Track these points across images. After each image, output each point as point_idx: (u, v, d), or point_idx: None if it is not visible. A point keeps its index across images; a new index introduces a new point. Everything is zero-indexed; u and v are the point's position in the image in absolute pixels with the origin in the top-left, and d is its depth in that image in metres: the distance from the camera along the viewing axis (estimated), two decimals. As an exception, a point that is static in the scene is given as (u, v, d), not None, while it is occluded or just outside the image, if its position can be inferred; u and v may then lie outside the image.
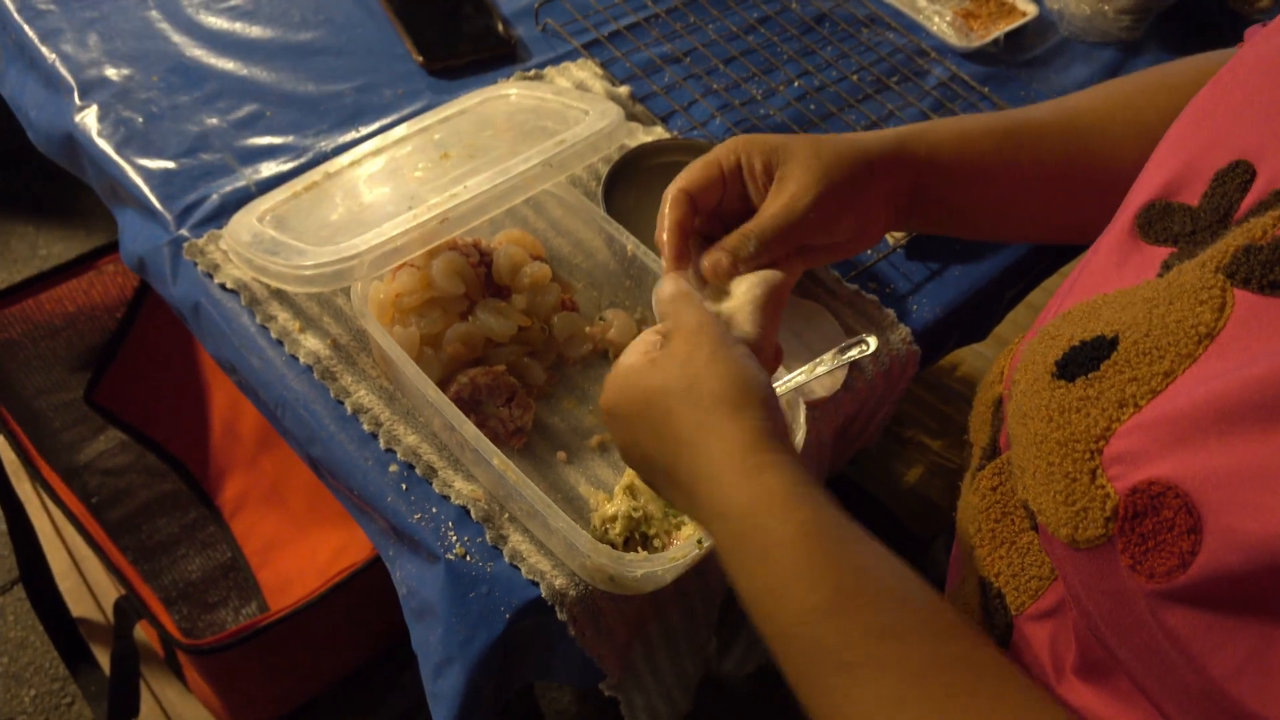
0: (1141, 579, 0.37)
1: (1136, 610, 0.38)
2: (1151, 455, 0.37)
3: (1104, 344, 0.41)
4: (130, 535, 1.27)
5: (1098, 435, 0.39)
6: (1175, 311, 0.40)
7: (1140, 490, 0.37)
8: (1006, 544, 0.52)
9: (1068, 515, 0.40)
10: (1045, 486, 0.41)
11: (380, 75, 0.98)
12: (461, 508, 0.71)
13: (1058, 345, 0.44)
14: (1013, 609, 0.51)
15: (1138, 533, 0.37)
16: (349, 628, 1.09)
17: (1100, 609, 0.41)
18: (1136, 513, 0.37)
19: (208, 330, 0.82)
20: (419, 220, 0.73)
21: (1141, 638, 0.38)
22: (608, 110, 0.84)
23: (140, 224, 0.87)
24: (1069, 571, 0.42)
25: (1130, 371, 0.40)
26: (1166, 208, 0.46)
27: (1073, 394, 0.41)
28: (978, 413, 0.60)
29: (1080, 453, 0.40)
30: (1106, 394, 0.40)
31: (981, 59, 1.08)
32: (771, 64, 1.05)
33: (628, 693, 0.88)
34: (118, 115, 0.91)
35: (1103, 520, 0.38)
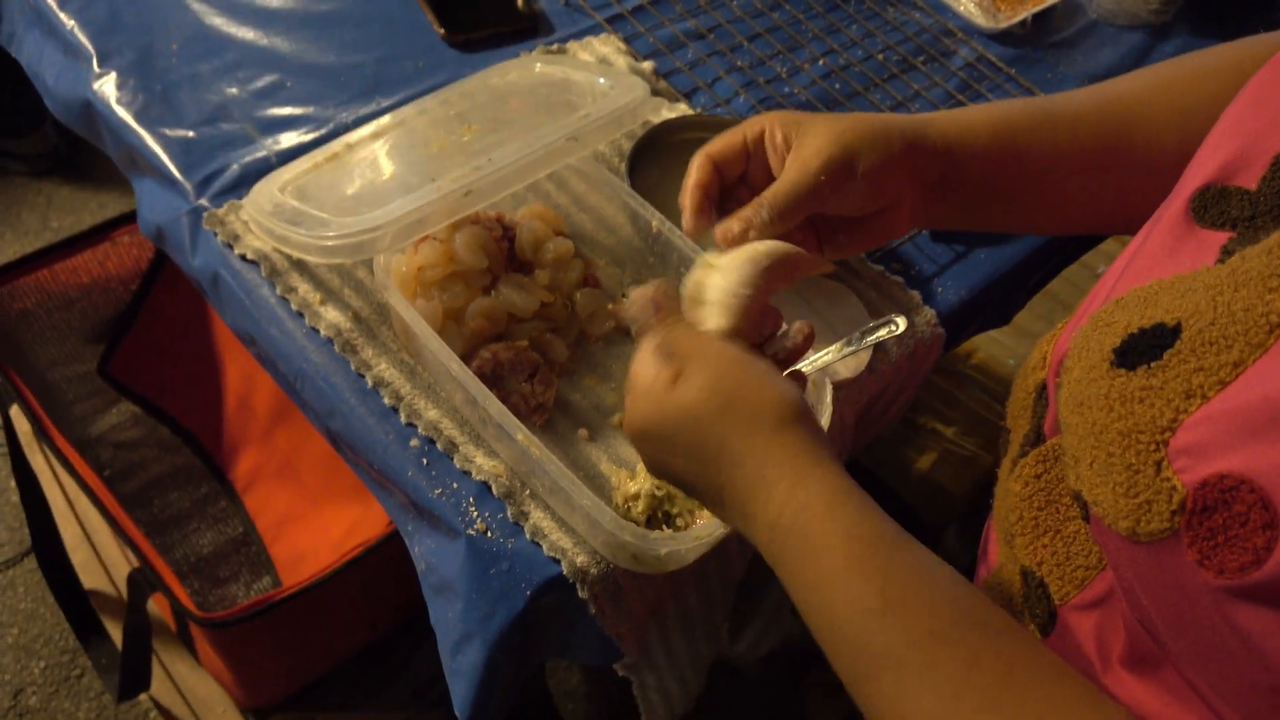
0: (1209, 575, 0.36)
1: (1200, 606, 0.37)
2: (1222, 448, 0.36)
3: (1165, 332, 0.40)
4: (142, 509, 1.27)
5: (1163, 427, 0.38)
6: (1242, 299, 0.38)
7: (1210, 484, 0.36)
8: (1051, 532, 0.51)
9: (1129, 508, 0.39)
10: (1104, 478, 0.40)
11: (401, 47, 0.97)
12: (483, 483, 0.70)
13: (1114, 332, 0.43)
14: (1056, 598, 0.50)
15: (1206, 527, 0.36)
16: (362, 604, 1.09)
17: (1157, 603, 0.40)
18: (1206, 507, 0.36)
19: (227, 301, 0.81)
20: (443, 193, 0.72)
21: (1202, 634, 0.38)
22: (633, 85, 0.83)
23: (159, 193, 0.86)
24: (1123, 564, 0.41)
25: (1196, 361, 0.38)
26: (1223, 191, 0.45)
27: (1134, 383, 0.40)
28: (1017, 399, 0.59)
29: (1144, 444, 0.39)
30: (1171, 384, 0.39)
31: (1009, 40, 1.07)
32: (796, 41, 1.03)
33: (641, 673, 0.87)
34: (137, 83, 0.90)
35: (1168, 514, 0.37)
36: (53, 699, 1.37)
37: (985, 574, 0.61)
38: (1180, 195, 0.47)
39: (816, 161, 0.60)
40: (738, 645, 1.14)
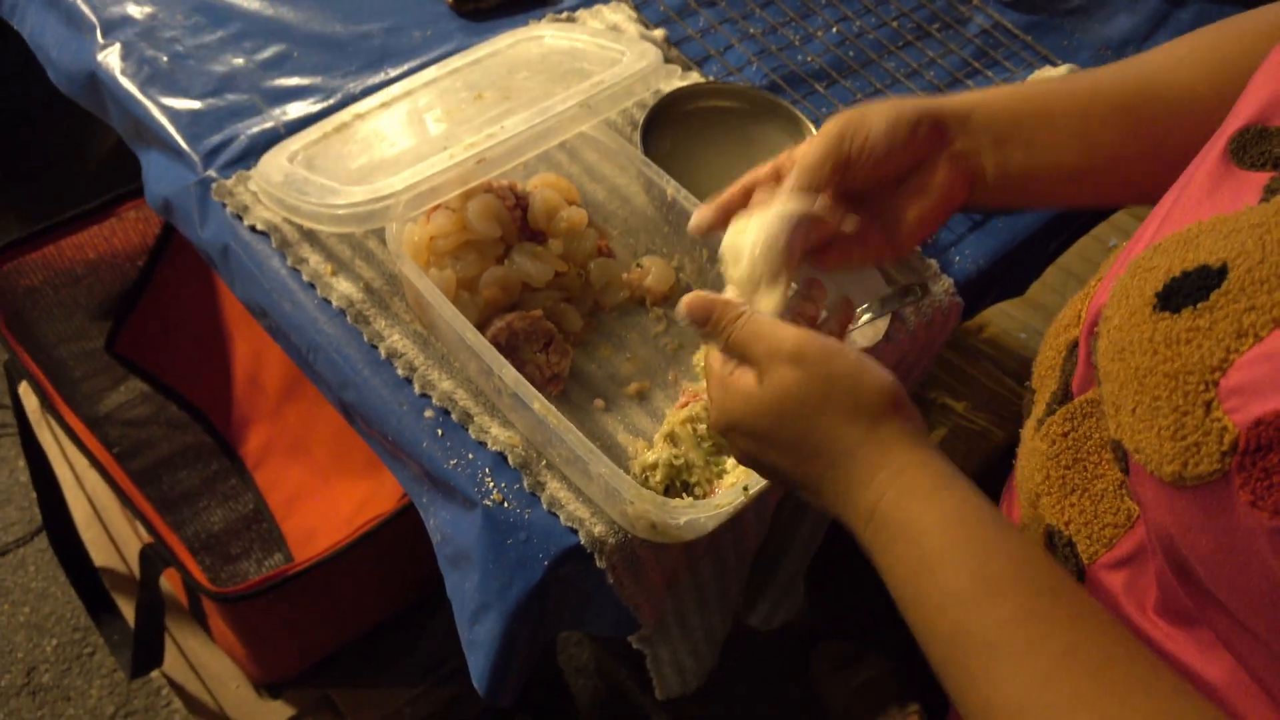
0: (1264, 515, 0.35)
1: (1253, 548, 0.36)
2: (1278, 386, 0.35)
3: (1210, 273, 0.39)
4: (152, 487, 1.26)
5: (1213, 367, 0.37)
6: None
7: (1266, 422, 0.35)
8: (1079, 491, 0.50)
9: (1175, 451, 0.38)
10: (1149, 422, 0.40)
11: (409, 16, 0.96)
12: (498, 454, 0.70)
13: (1154, 277, 0.42)
14: (1085, 557, 0.49)
15: (1260, 467, 0.35)
16: (375, 579, 1.09)
17: (1201, 550, 0.39)
18: (1260, 446, 0.35)
19: (237, 273, 0.80)
20: (455, 160, 0.71)
21: (1252, 577, 0.37)
22: (645, 52, 0.82)
23: (166, 165, 0.85)
24: (1165, 512, 0.41)
25: (1246, 300, 0.38)
26: (1262, 132, 0.44)
27: (1179, 325, 0.39)
28: (1046, 358, 0.58)
29: (1193, 385, 0.38)
30: (1220, 324, 0.38)
31: (1024, 6, 1.05)
32: (809, 8, 1.02)
33: (655, 646, 0.87)
34: (142, 54, 0.89)
35: (1219, 455, 0.37)
36: (65, 677, 1.37)
37: None
38: (1219, 140, 0.46)
39: (842, 120, 0.62)
40: (751, 618, 1.14)
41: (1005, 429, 1.45)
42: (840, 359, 0.50)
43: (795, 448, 0.52)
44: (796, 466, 0.52)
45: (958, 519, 0.46)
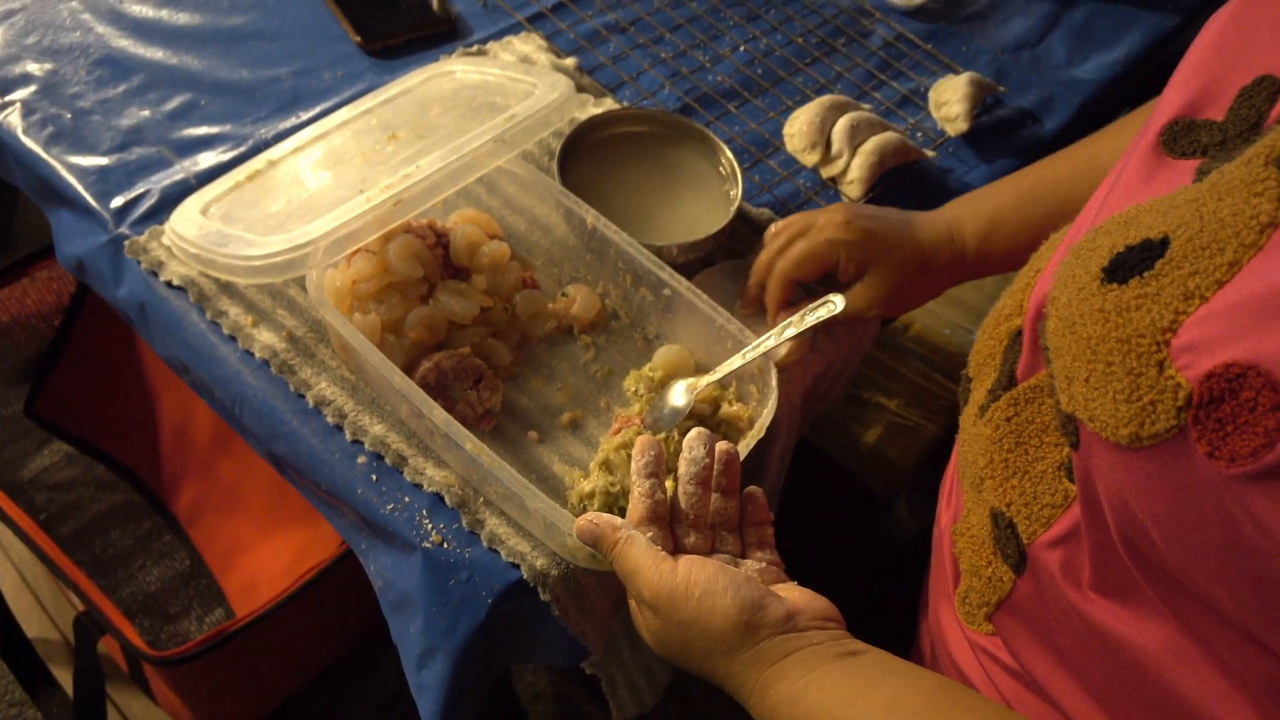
0: (1221, 465, 0.37)
1: (1211, 501, 0.38)
2: (1226, 340, 0.37)
3: (1153, 245, 0.42)
4: (83, 550, 1.22)
5: (1164, 328, 0.39)
6: (1228, 206, 0.40)
7: (1216, 374, 0.37)
8: (1020, 473, 0.53)
9: (1130, 413, 0.40)
10: (1103, 388, 0.41)
11: (317, 58, 0.95)
12: (435, 495, 0.70)
13: (1099, 254, 0.44)
14: (1025, 537, 0.52)
15: (1214, 419, 0.37)
16: (319, 626, 1.07)
17: (1158, 510, 0.40)
18: (1213, 398, 0.37)
19: (156, 331, 0.79)
20: (373, 204, 0.71)
21: (1209, 530, 0.38)
22: (557, 83, 0.83)
23: (76, 224, 0.83)
24: (1120, 478, 0.42)
25: (1190, 266, 0.40)
26: (1191, 124, 0.47)
27: (1128, 294, 0.41)
28: (985, 347, 0.61)
29: (1145, 347, 0.40)
30: (1167, 289, 0.40)
31: (923, 16, 1.08)
32: (717, 30, 1.04)
33: (608, 670, 0.87)
34: (45, 112, 0.87)
35: (1174, 411, 0.38)
36: (4, 754, 1.32)
37: (951, 523, 0.62)
38: (1149, 133, 0.49)
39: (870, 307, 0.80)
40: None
41: (937, 423, 1.49)
42: (684, 606, 0.54)
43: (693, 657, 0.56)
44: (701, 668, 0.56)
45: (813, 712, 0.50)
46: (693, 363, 0.77)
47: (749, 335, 0.72)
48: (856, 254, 0.78)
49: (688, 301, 0.75)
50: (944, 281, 0.82)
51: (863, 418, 1.56)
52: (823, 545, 1.11)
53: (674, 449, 0.71)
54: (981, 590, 0.57)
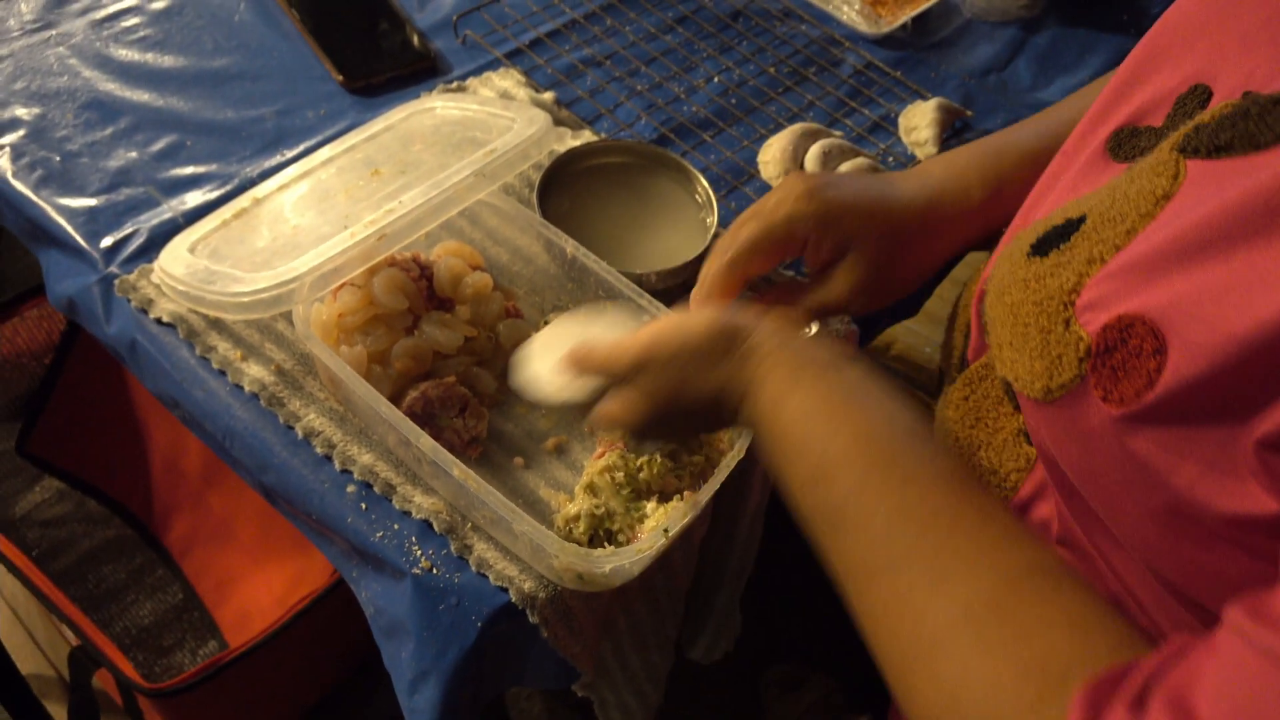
0: (1112, 408, 0.40)
1: (1106, 445, 0.41)
2: (1120, 296, 0.41)
3: (1073, 223, 0.46)
4: (76, 585, 1.23)
5: (1069, 289, 0.43)
6: (1135, 186, 0.44)
7: (1110, 326, 0.40)
8: (983, 445, 0.55)
9: (1043, 367, 0.43)
10: (1022, 348, 0.45)
11: (300, 97, 0.97)
12: (423, 521, 0.71)
13: (1033, 234, 0.48)
14: None
15: (1109, 366, 0.40)
16: (313, 655, 1.08)
17: (1071, 457, 0.44)
18: (1107, 347, 0.41)
19: (146, 367, 0.80)
20: (357, 239, 0.73)
21: (1111, 474, 0.42)
22: (535, 117, 0.85)
23: (66, 264, 0.85)
24: (1043, 430, 0.46)
25: (1096, 236, 0.44)
26: (1134, 131, 0.51)
27: (1046, 264, 0.45)
28: (948, 342, 0.64)
29: (1054, 308, 0.43)
30: (1076, 257, 0.44)
31: (892, 44, 1.11)
32: (691, 62, 1.06)
33: (599, 691, 0.89)
34: (33, 155, 0.89)
35: (1076, 362, 0.42)
36: (-2, 793, 1.32)
37: None
38: (1095, 139, 0.53)
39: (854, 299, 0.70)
40: (693, 652, 1.16)
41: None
42: (665, 345, 0.56)
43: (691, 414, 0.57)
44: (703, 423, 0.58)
45: (801, 414, 0.50)
46: (673, 386, 0.79)
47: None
48: (832, 230, 0.65)
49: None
50: (948, 244, 0.70)
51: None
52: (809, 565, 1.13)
53: (656, 470, 0.73)
54: None
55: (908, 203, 0.67)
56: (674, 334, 0.56)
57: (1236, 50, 0.47)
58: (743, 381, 0.53)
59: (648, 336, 0.57)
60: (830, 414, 0.50)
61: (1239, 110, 0.42)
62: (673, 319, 0.57)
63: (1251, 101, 0.42)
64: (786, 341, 0.53)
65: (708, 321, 0.55)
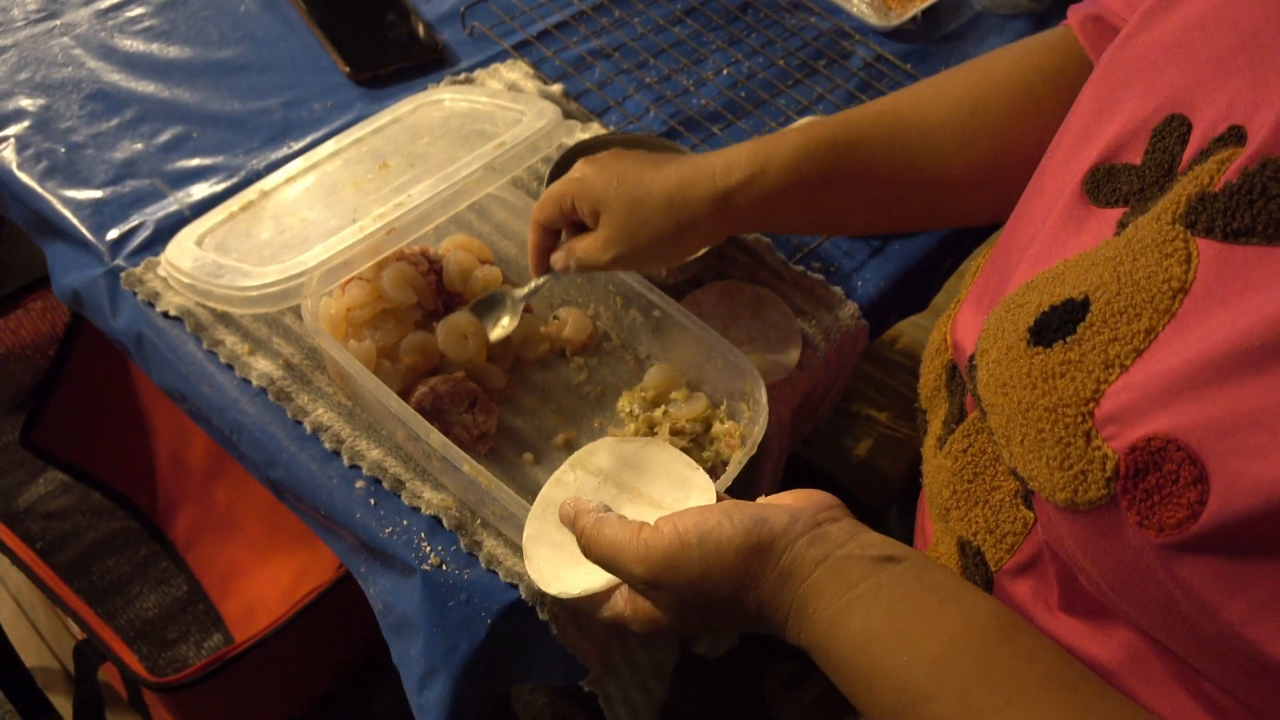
0: (1150, 534, 0.37)
1: (1144, 564, 0.38)
2: (1146, 412, 0.37)
3: (1075, 306, 0.42)
4: (80, 578, 1.23)
5: (1086, 398, 0.40)
6: (1142, 267, 0.40)
7: (1140, 448, 0.37)
8: (980, 503, 0.53)
9: (1065, 480, 0.40)
10: (1037, 453, 0.42)
11: (307, 89, 0.97)
12: (433, 517, 0.71)
13: (1026, 312, 0.45)
14: (992, 565, 0.52)
15: (1141, 489, 0.37)
16: (319, 649, 1.08)
17: (1101, 567, 0.41)
18: (1138, 470, 0.37)
19: (153, 361, 0.80)
20: (365, 233, 0.72)
21: (1149, 591, 0.39)
22: (545, 110, 0.84)
23: (72, 257, 0.84)
24: (1064, 534, 0.43)
25: (1109, 332, 0.40)
26: (1111, 170, 0.47)
27: (1053, 359, 0.42)
28: (928, 381, 0.62)
29: (1071, 417, 0.40)
30: (1089, 356, 0.40)
31: (902, 37, 1.11)
32: (700, 54, 1.06)
33: (606, 687, 0.88)
34: (38, 147, 0.88)
35: (1104, 481, 0.39)
36: (2, 785, 1.32)
37: (923, 549, 0.63)
38: (1072, 178, 0.50)
39: (605, 256, 0.70)
40: (698, 647, 1.16)
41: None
42: (686, 563, 0.49)
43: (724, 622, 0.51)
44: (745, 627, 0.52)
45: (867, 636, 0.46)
46: (684, 381, 0.79)
47: (738, 353, 0.73)
48: (586, 194, 0.70)
49: (677, 322, 0.76)
50: (703, 226, 0.69)
51: (853, 430, 1.58)
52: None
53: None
54: None
55: (660, 180, 0.69)
56: (695, 551, 0.49)
57: (1211, 76, 0.44)
58: (785, 603, 0.48)
59: (663, 550, 0.49)
60: (904, 632, 0.45)
61: (1254, 185, 0.38)
62: (693, 524, 0.49)
63: (1269, 176, 0.37)
64: (827, 551, 0.48)
65: (736, 538, 0.48)
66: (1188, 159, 0.43)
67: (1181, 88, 0.45)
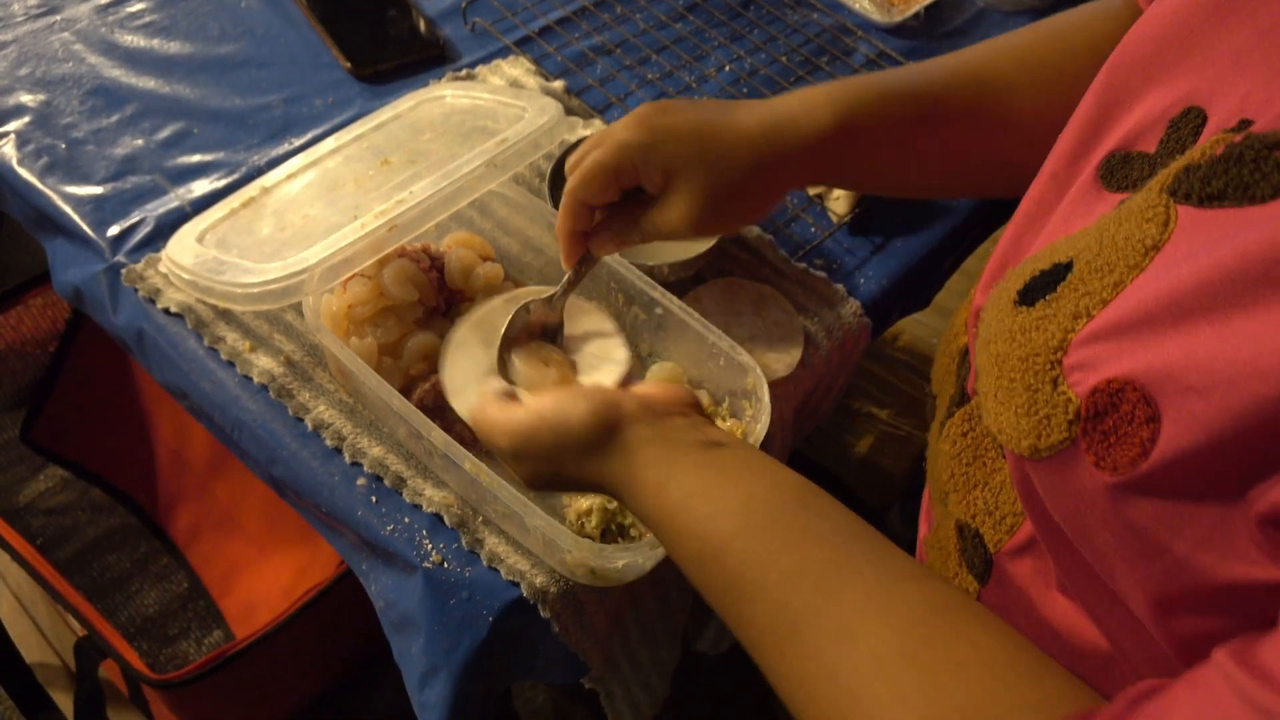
0: (1105, 474, 0.39)
1: (1099, 509, 0.40)
2: (1108, 357, 0.39)
3: (1060, 269, 0.44)
4: (81, 574, 1.23)
5: (1055, 347, 0.41)
6: (1123, 231, 0.42)
7: (1100, 390, 0.39)
8: (980, 485, 0.54)
9: (1030, 426, 0.42)
10: (1007, 404, 0.43)
11: (308, 85, 0.96)
12: (434, 515, 0.71)
13: (1020, 279, 0.46)
14: (991, 547, 0.53)
15: (1099, 430, 0.39)
16: (320, 646, 1.08)
17: (1063, 513, 0.43)
18: (1097, 412, 0.39)
19: (154, 357, 0.80)
20: (367, 229, 0.72)
21: (1105, 537, 0.40)
22: (546, 106, 0.84)
23: (73, 253, 0.84)
24: (1032, 487, 0.44)
25: (1083, 288, 0.42)
26: (1126, 157, 0.48)
27: (1033, 316, 0.43)
28: (942, 364, 0.62)
29: (1041, 365, 0.42)
30: (1063, 310, 0.42)
31: (904, 33, 1.10)
32: (702, 50, 1.05)
33: (607, 685, 0.88)
34: (39, 143, 0.88)
35: (1065, 424, 0.40)
36: (2, 780, 1.32)
37: (926, 534, 0.64)
38: (1087, 164, 0.51)
39: (689, 223, 0.64)
40: (700, 644, 1.16)
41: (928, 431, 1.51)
42: (542, 435, 0.55)
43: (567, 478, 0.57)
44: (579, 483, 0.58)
45: (684, 495, 0.51)
46: (686, 379, 0.78)
47: (740, 351, 0.73)
48: (656, 157, 0.62)
49: (679, 320, 0.76)
50: (792, 174, 0.65)
51: (854, 428, 1.58)
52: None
53: None
54: None
55: (741, 130, 0.63)
56: (549, 429, 0.55)
57: (1229, 68, 0.44)
58: (622, 475, 0.54)
59: (522, 424, 0.56)
60: (709, 492, 0.50)
61: (1232, 154, 0.39)
62: (550, 405, 0.56)
63: (1246, 145, 0.39)
64: (663, 431, 0.54)
65: (587, 417, 0.55)
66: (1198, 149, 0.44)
67: (1202, 79, 0.46)
